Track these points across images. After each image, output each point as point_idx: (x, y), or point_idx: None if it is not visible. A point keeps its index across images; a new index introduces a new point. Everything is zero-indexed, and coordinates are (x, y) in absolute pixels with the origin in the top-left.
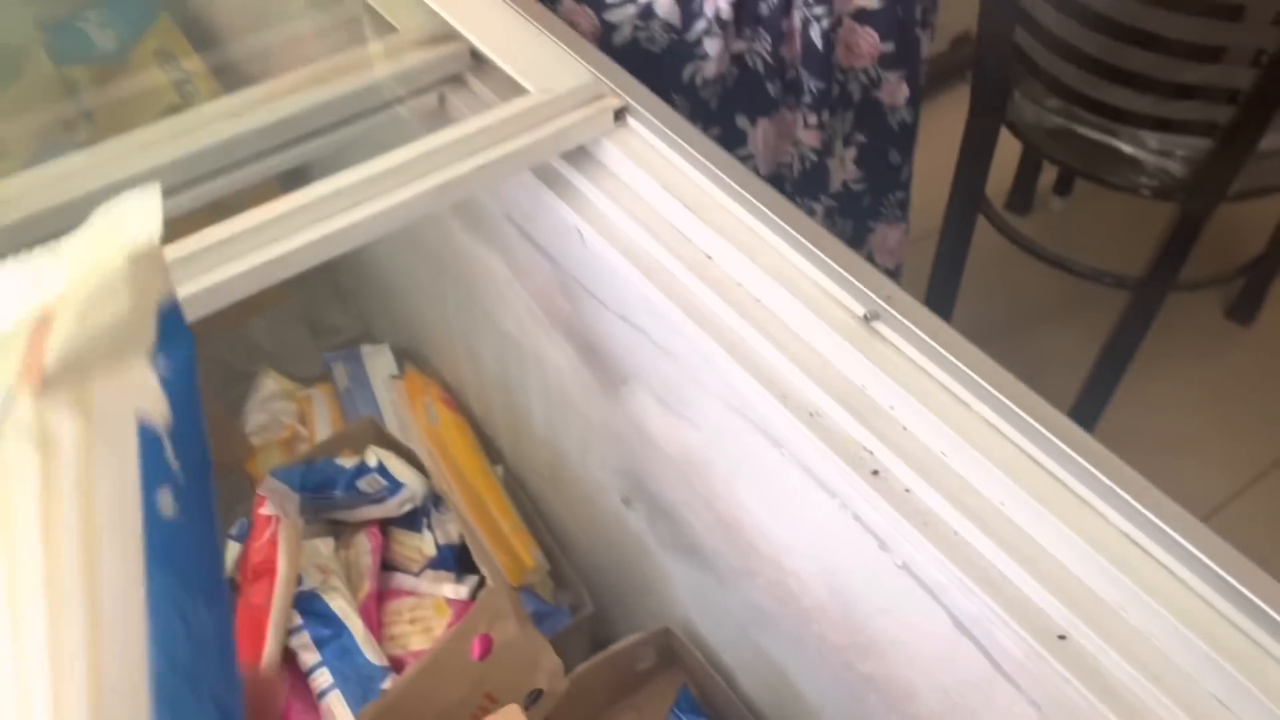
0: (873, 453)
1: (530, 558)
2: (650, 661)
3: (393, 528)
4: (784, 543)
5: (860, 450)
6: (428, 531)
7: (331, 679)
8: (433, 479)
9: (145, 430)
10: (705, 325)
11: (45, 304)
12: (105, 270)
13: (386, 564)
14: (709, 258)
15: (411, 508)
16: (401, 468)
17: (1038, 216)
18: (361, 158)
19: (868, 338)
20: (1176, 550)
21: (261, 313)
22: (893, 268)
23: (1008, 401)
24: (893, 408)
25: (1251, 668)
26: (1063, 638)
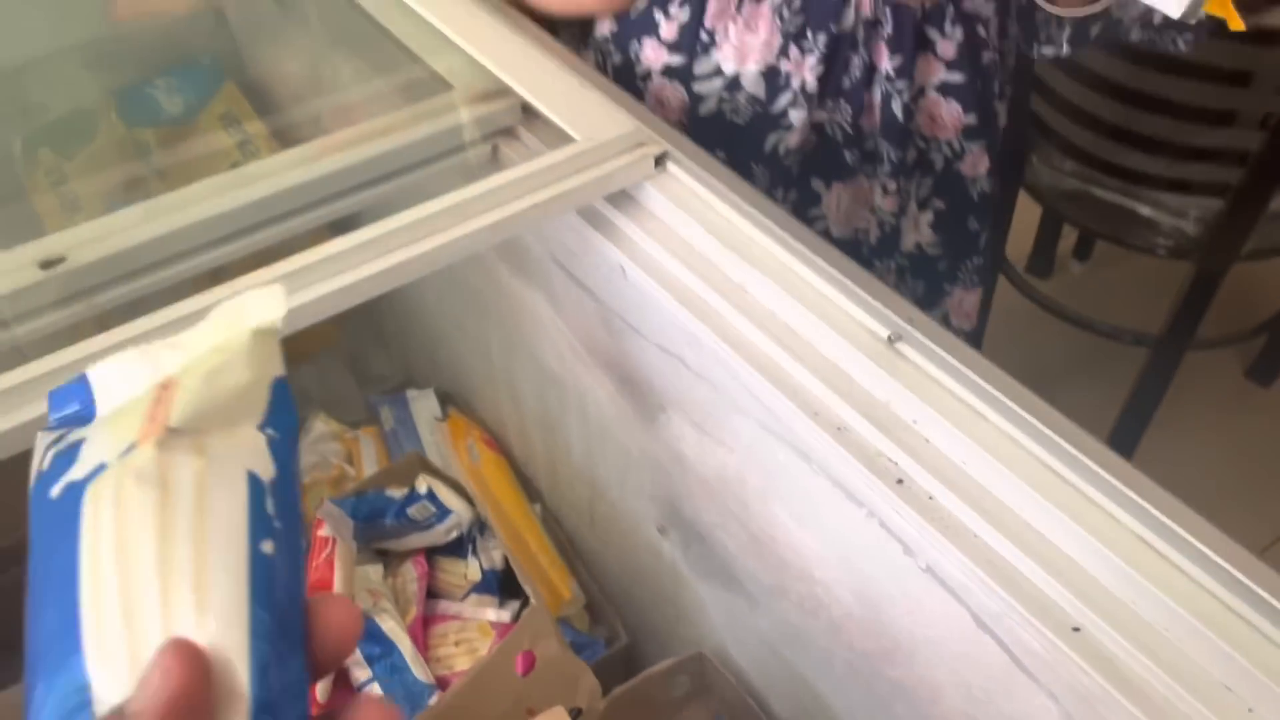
0: (897, 463)
1: (568, 590)
2: (685, 689)
3: (438, 556)
4: (814, 554)
5: (885, 461)
6: (473, 557)
7: (381, 695)
8: (477, 507)
9: (253, 478)
10: (740, 350)
11: (167, 375)
12: (230, 346)
13: (432, 591)
14: (743, 288)
15: (458, 534)
16: (449, 495)
17: (1058, 279)
18: (424, 204)
19: (891, 357)
20: (1182, 545)
21: (311, 360)
22: (969, 330)
23: (1022, 412)
24: (915, 421)
25: (1256, 654)
26: (1077, 630)
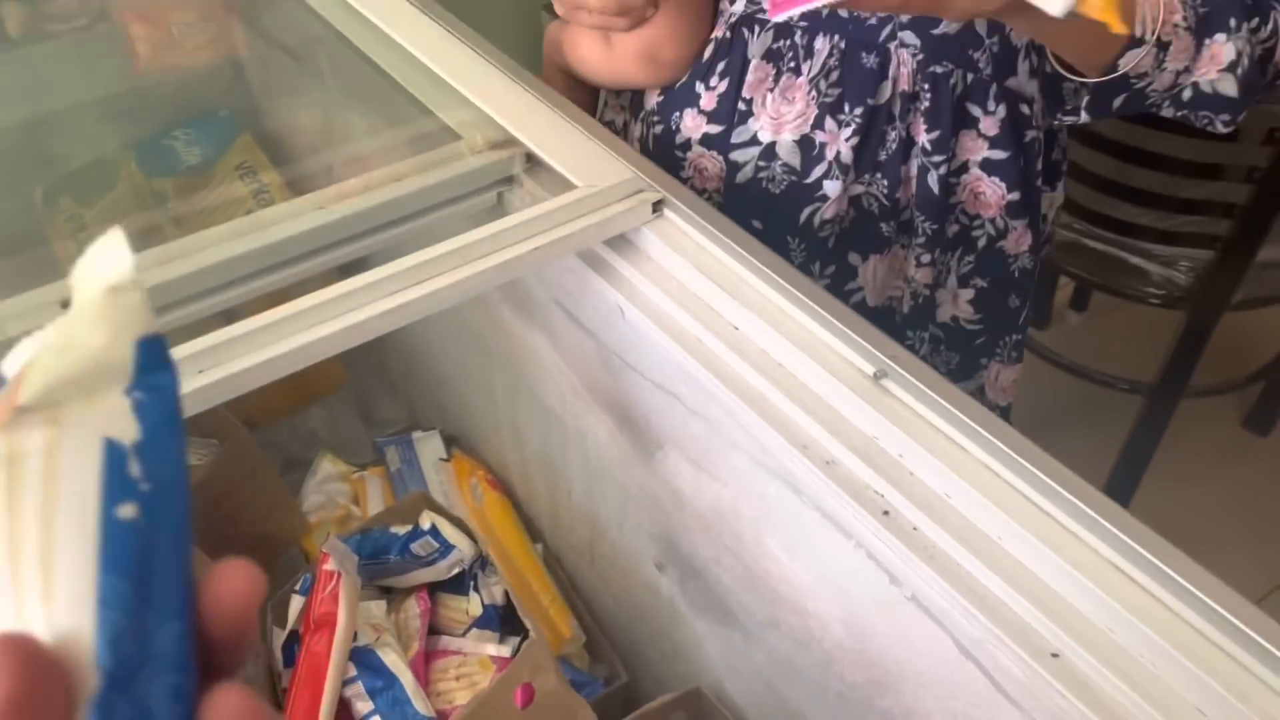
0: (883, 496)
1: (568, 628)
2: None
3: (440, 592)
4: (806, 586)
5: (872, 494)
6: (474, 593)
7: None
8: (480, 544)
9: (111, 444)
10: (734, 387)
11: (25, 360)
12: (83, 313)
13: (433, 627)
14: (736, 328)
15: (460, 570)
16: (452, 531)
17: (1055, 329)
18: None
19: (877, 394)
20: (1157, 574)
21: (319, 403)
22: (1004, 405)
23: (1003, 446)
24: (901, 455)
25: (1227, 678)
26: (1055, 655)
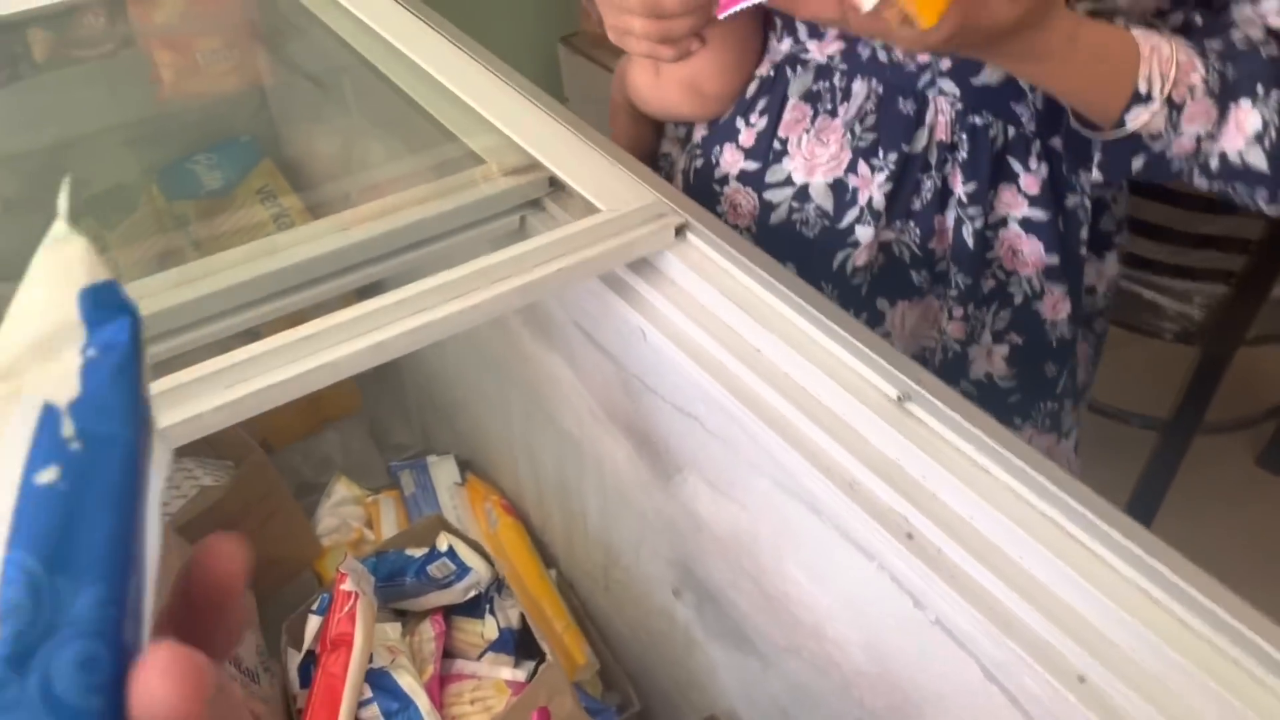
0: (907, 518)
1: (582, 656)
2: None
3: (455, 615)
4: (826, 610)
5: (895, 516)
6: (490, 616)
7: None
8: (496, 567)
9: (47, 407)
10: (756, 409)
11: None
12: (31, 276)
13: (448, 651)
14: (758, 351)
15: (476, 593)
16: (469, 553)
17: None
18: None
19: (900, 416)
20: (1183, 598)
21: (334, 427)
22: None
23: (1027, 468)
24: (924, 478)
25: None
26: (1082, 679)
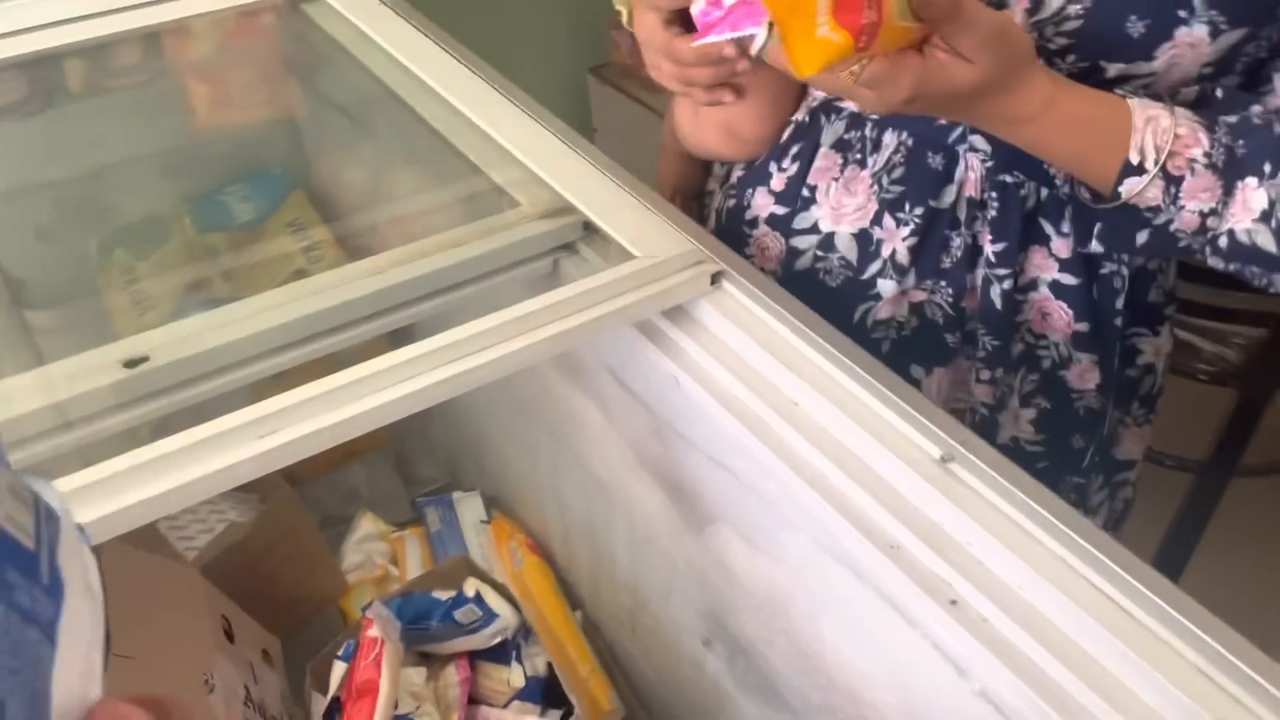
0: (951, 584)
1: (608, 701)
2: None
3: (480, 661)
4: (863, 674)
5: (939, 582)
6: (516, 663)
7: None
8: (522, 612)
9: None
10: (792, 464)
11: None
12: None
13: (473, 698)
14: (796, 404)
15: (502, 640)
16: (496, 599)
17: None
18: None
19: (944, 478)
20: (1242, 679)
21: (360, 461)
22: None
23: (1077, 537)
24: (969, 543)
25: None
26: None
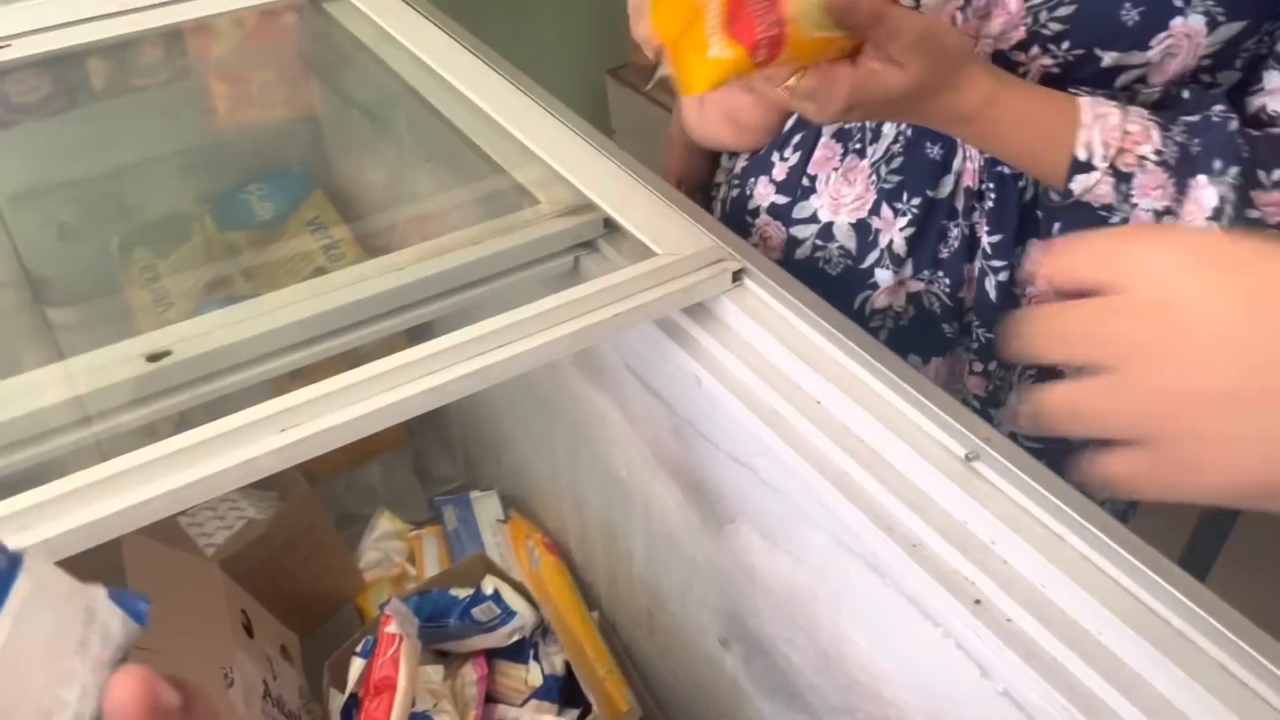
0: (975, 583)
1: (624, 701)
2: None
3: (498, 659)
4: (885, 673)
5: (962, 581)
6: (534, 662)
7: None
8: (540, 611)
9: None
10: (814, 462)
11: None
12: None
13: (490, 696)
14: (818, 402)
15: (520, 638)
16: (514, 597)
17: None
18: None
19: (968, 476)
20: (1263, 673)
21: (378, 460)
22: None
23: (1103, 536)
24: (993, 542)
25: None
26: None
